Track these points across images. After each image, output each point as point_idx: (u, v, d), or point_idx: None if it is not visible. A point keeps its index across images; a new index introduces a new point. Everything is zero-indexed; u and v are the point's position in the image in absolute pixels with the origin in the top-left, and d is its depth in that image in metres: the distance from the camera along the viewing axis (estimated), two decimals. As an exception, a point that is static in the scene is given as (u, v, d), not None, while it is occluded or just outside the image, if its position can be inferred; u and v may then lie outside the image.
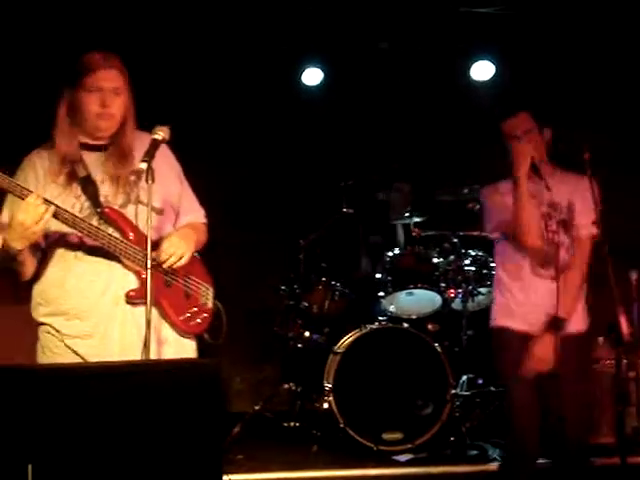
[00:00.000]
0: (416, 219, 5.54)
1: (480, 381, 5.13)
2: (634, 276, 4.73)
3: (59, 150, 2.96)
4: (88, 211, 2.93)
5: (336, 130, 6.11)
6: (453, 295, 5.25)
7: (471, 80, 6.20)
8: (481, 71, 6.16)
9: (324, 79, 6.20)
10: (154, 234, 2.96)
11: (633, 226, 5.43)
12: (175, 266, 2.97)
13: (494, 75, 6.15)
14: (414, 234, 5.44)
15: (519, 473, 3.65)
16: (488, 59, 6.13)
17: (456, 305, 5.31)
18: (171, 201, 3.13)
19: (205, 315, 3.11)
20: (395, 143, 6.13)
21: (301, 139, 6.11)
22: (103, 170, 2.99)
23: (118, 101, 2.97)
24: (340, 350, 4.93)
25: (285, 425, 5.18)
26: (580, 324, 3.65)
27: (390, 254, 5.39)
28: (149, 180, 2.72)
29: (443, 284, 5.25)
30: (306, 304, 5.35)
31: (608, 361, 4.73)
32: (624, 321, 3.39)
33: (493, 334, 3.74)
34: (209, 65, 5.83)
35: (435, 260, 5.32)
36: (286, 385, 5.40)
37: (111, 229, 2.93)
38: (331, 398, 4.79)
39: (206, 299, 3.13)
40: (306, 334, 5.34)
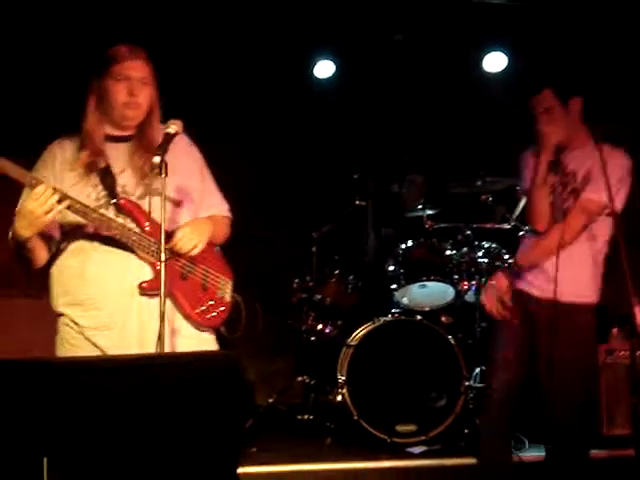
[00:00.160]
0: (429, 211, 5.52)
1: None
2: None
3: (83, 140, 2.98)
4: (103, 201, 2.94)
5: (348, 123, 6.11)
6: (466, 287, 5.23)
7: (484, 72, 6.18)
8: (494, 62, 6.14)
9: (336, 72, 6.19)
10: (172, 226, 2.99)
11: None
12: (188, 255, 2.97)
13: (507, 66, 6.13)
14: (427, 226, 5.44)
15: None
16: (501, 50, 6.11)
17: (469, 297, 5.30)
18: (191, 194, 3.13)
19: (222, 308, 3.11)
20: (408, 135, 6.12)
21: (313, 132, 6.11)
22: (126, 161, 3.00)
23: (145, 91, 2.99)
24: (353, 343, 4.93)
25: (299, 418, 5.19)
26: (579, 294, 3.60)
27: (403, 246, 5.38)
28: (162, 173, 2.73)
29: (456, 276, 5.23)
30: (319, 297, 5.35)
31: (622, 352, 4.72)
32: (639, 312, 3.38)
33: None
34: (221, 59, 5.83)
35: (448, 252, 5.30)
36: (299, 378, 5.41)
37: (128, 220, 2.94)
38: (344, 390, 4.80)
39: (224, 292, 3.13)
40: (319, 327, 5.34)
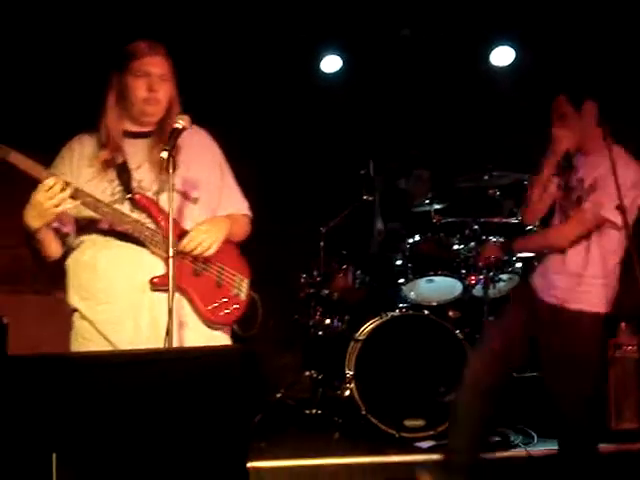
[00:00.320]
0: (436, 206, 5.52)
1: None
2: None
3: (102, 136, 2.99)
4: (119, 196, 2.94)
5: (355, 118, 6.10)
6: (474, 282, 5.22)
7: (491, 66, 6.17)
8: (501, 57, 6.13)
9: (343, 66, 6.19)
10: (188, 223, 3.00)
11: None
12: (202, 255, 2.98)
13: (514, 60, 6.11)
14: (434, 221, 5.43)
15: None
16: (508, 44, 6.10)
17: (477, 292, 5.28)
18: (209, 191, 3.13)
19: (236, 306, 3.10)
20: (415, 130, 6.11)
21: (320, 127, 6.10)
22: (144, 156, 3.01)
23: (165, 87, 3.00)
24: (361, 337, 4.93)
25: (307, 412, 5.18)
26: (579, 303, 3.59)
27: (410, 241, 5.38)
28: (170, 169, 2.73)
29: (464, 271, 5.22)
30: (327, 292, 5.35)
31: (630, 347, 4.72)
32: None
33: None
34: (228, 54, 5.83)
35: (456, 247, 5.29)
36: (307, 373, 5.41)
37: (143, 215, 2.94)
38: (352, 385, 4.80)
39: (239, 290, 3.12)
40: (327, 321, 5.35)
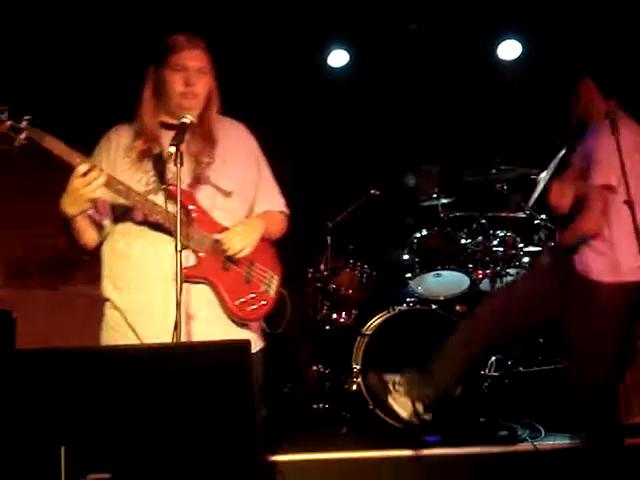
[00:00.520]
0: (444, 200, 5.52)
1: (509, 362, 5.11)
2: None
3: (140, 127, 3.00)
4: (153, 186, 2.95)
5: (363, 112, 6.09)
6: (481, 276, 5.22)
7: (498, 60, 6.16)
8: (508, 50, 6.12)
9: (350, 61, 6.18)
10: (222, 215, 3.02)
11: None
12: (236, 257, 2.99)
13: (521, 54, 6.10)
14: (442, 215, 5.43)
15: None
16: (515, 38, 6.08)
17: (484, 286, 5.29)
18: (245, 186, 3.15)
19: (263, 303, 3.09)
20: (422, 124, 6.10)
21: (327, 121, 6.09)
22: (182, 148, 2.98)
23: (202, 81, 3.01)
24: (368, 332, 4.94)
25: (314, 407, 5.19)
26: (589, 270, 3.62)
27: (418, 235, 5.38)
28: (178, 164, 2.71)
29: (471, 265, 5.23)
30: (334, 286, 5.35)
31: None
32: None
33: None
34: (234, 49, 5.82)
35: (463, 241, 5.30)
36: (315, 367, 5.42)
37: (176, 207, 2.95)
38: (360, 380, 4.81)
39: (268, 287, 3.12)
40: (334, 316, 5.35)
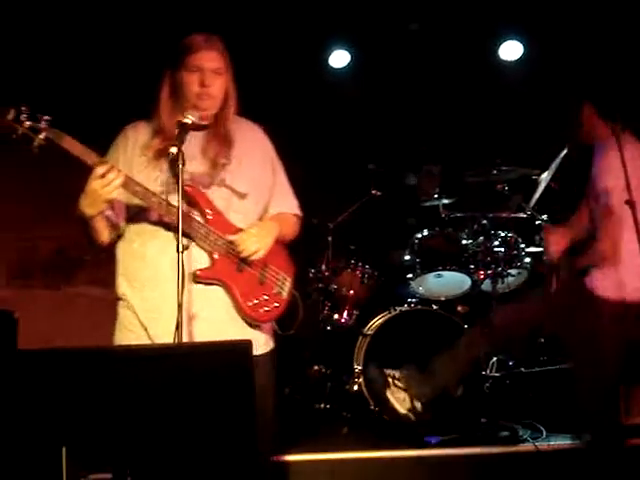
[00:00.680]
0: (445, 201, 5.51)
1: (510, 362, 5.11)
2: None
3: (158, 126, 3.01)
4: (169, 186, 2.94)
5: (364, 112, 6.08)
6: (482, 276, 5.22)
7: (500, 60, 6.16)
8: (510, 51, 6.12)
9: (351, 61, 6.18)
10: (236, 217, 3.02)
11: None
12: (250, 259, 2.99)
13: (523, 55, 6.10)
14: (443, 216, 5.42)
15: None
16: (517, 39, 6.08)
17: (485, 287, 5.29)
18: (259, 188, 3.15)
19: (276, 305, 3.10)
20: (424, 125, 6.10)
21: (328, 122, 6.09)
22: (197, 149, 3.02)
23: (218, 82, 3.01)
24: (369, 332, 4.94)
25: (315, 407, 5.19)
26: (594, 287, 3.65)
27: (419, 236, 5.38)
28: (180, 164, 2.73)
29: (472, 266, 5.23)
30: (335, 287, 5.35)
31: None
32: None
33: None
34: (235, 49, 5.81)
35: (464, 242, 5.29)
36: (316, 367, 5.42)
37: (191, 208, 2.96)
38: (361, 380, 4.81)
39: (281, 289, 3.13)
40: (335, 316, 5.34)
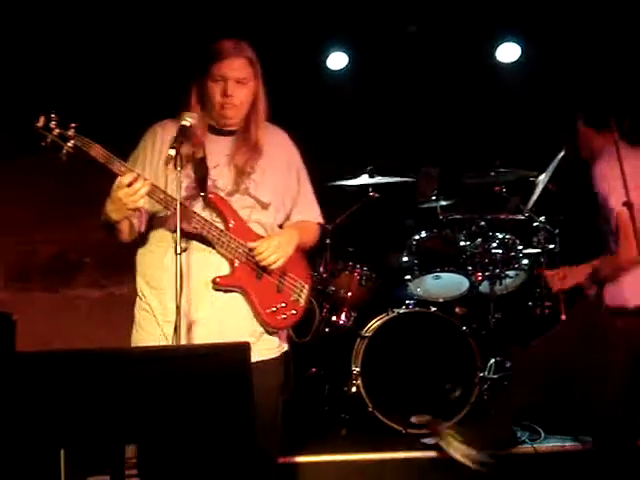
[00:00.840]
0: (443, 202, 5.52)
1: (508, 364, 5.11)
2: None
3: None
4: (192, 192, 2.94)
5: (362, 115, 6.08)
6: (480, 278, 5.23)
7: (497, 62, 6.16)
8: (507, 53, 6.12)
9: (349, 63, 6.18)
10: (258, 227, 3.03)
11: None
12: (269, 268, 2.99)
13: (520, 57, 6.11)
14: (441, 217, 5.43)
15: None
16: (514, 41, 6.09)
17: (483, 288, 5.29)
18: (282, 197, 3.15)
19: (293, 312, 3.11)
20: (422, 127, 6.10)
21: (326, 124, 6.08)
22: (223, 156, 3.01)
23: (242, 91, 2.99)
24: (367, 334, 4.95)
25: (313, 409, 5.20)
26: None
27: (417, 237, 5.38)
28: (177, 167, 2.72)
29: (470, 267, 5.23)
30: (333, 288, 5.33)
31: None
32: None
33: None
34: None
35: (462, 243, 5.30)
36: (314, 369, 5.42)
37: (214, 215, 2.96)
38: (359, 382, 4.81)
39: (298, 296, 3.13)
40: (333, 318, 5.33)
